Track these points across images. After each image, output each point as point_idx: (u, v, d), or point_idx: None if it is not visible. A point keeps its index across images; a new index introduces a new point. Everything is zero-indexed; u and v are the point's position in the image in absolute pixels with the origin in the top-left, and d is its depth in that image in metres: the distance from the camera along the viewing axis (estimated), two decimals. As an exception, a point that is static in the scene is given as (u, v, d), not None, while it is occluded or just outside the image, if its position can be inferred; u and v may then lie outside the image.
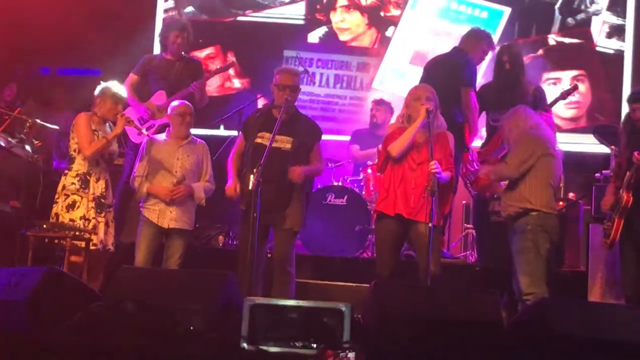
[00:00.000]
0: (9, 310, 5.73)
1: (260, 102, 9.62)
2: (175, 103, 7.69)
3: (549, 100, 8.31)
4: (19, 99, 9.21)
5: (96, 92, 7.41)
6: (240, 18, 10.79)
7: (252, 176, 6.50)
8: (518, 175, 6.76)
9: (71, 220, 7.13)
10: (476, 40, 8.41)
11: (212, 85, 10.27)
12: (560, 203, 7.89)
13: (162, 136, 7.61)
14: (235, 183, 7.03)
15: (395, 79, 10.29)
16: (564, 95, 8.48)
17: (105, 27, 10.27)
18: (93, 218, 7.19)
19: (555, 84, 10.09)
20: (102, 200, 7.32)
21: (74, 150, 7.37)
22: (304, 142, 7.05)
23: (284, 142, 6.95)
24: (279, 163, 6.83)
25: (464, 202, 9.08)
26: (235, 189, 7.02)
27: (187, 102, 7.71)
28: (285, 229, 6.99)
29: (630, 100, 7.15)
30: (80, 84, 10.23)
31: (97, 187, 7.33)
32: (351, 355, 4.99)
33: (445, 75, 7.88)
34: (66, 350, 5.46)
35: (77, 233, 6.88)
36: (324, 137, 7.29)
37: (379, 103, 9.65)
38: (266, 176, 6.57)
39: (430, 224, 6.35)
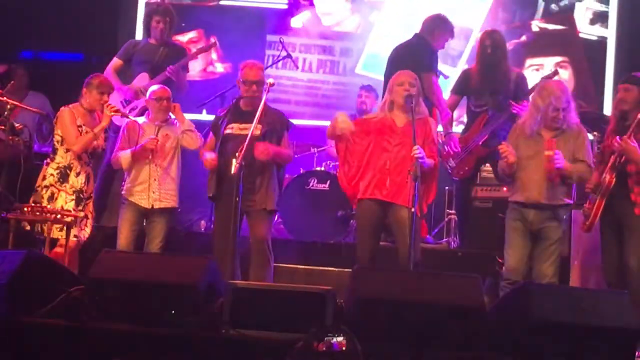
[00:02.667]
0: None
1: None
2: (153, 87, 7.73)
3: (530, 86, 8.31)
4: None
5: (84, 83, 7.41)
6: (223, 2, 10.75)
7: (234, 160, 6.65)
8: None
9: (50, 210, 7.12)
10: (435, 26, 8.44)
11: (195, 70, 10.23)
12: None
13: (142, 119, 7.67)
14: (214, 156, 7.18)
15: (378, 64, 10.29)
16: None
17: (87, 11, 10.21)
18: (73, 210, 7.16)
19: (538, 70, 10.11)
20: (81, 195, 7.30)
21: (57, 142, 7.36)
22: (272, 129, 7.22)
23: (253, 129, 6.98)
24: (248, 148, 6.88)
25: (446, 187, 9.09)
26: (214, 159, 7.16)
27: (164, 87, 7.75)
28: (257, 210, 7.15)
29: (620, 81, 7.16)
30: (61, 68, 10.23)
31: (77, 181, 7.31)
32: (340, 339, 4.97)
33: (407, 61, 7.86)
34: (47, 334, 5.45)
35: (57, 217, 6.85)
36: (308, 122, 7.35)
37: (368, 90, 9.64)
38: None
39: (412, 209, 6.35)
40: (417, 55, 8.16)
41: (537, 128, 6.70)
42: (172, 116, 7.60)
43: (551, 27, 10.37)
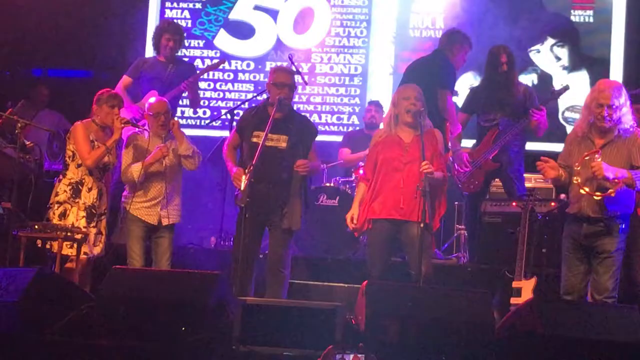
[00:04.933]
0: (0, 312, 5.73)
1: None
2: (151, 100, 7.67)
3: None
4: (5, 99, 9.21)
5: (95, 99, 7.42)
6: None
7: (243, 177, 6.51)
8: None
9: (62, 226, 7.14)
10: (454, 40, 8.44)
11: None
12: (552, 204, 7.90)
13: (145, 132, 7.55)
14: (240, 170, 6.84)
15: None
16: (556, 95, 8.51)
17: (97, 29, 10.27)
18: (84, 227, 7.18)
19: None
20: (94, 211, 7.30)
21: (69, 157, 7.35)
22: (299, 140, 7.04)
23: (280, 141, 6.95)
24: (274, 162, 6.86)
25: (456, 202, 9.09)
26: (241, 174, 6.71)
27: (162, 100, 7.66)
28: (282, 229, 6.98)
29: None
30: (71, 86, 10.29)
31: (89, 196, 7.29)
32: (356, 356, 4.97)
33: (424, 76, 7.88)
34: (58, 351, 5.47)
35: (68, 234, 6.88)
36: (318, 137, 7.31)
37: (377, 105, 9.66)
38: (262, 175, 6.66)
39: (421, 224, 6.35)
40: (434, 71, 8.16)
41: (587, 130, 6.37)
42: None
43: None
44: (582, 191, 6.21)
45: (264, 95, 8.02)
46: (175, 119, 7.66)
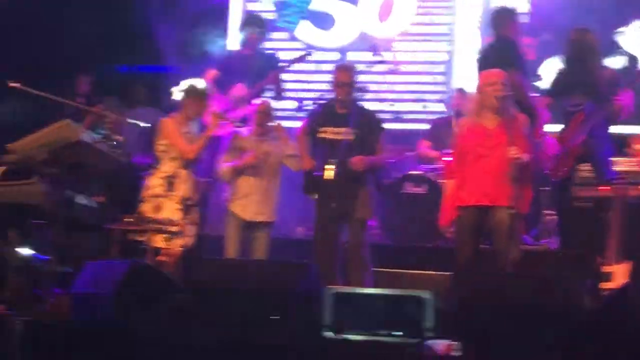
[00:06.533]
0: (96, 303, 5.86)
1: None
2: (256, 102, 7.90)
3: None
4: (95, 94, 9.39)
5: (182, 93, 7.52)
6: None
7: (326, 166, 6.99)
8: None
9: (156, 220, 7.28)
10: (502, 17, 8.32)
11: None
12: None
13: (245, 130, 7.77)
14: (310, 158, 7.37)
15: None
16: None
17: (180, 24, 10.38)
18: (178, 220, 7.29)
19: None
20: (188, 202, 7.42)
21: (161, 152, 7.46)
22: (366, 133, 7.29)
23: (347, 134, 7.18)
24: (343, 154, 7.09)
25: (544, 188, 8.98)
26: (311, 162, 7.35)
27: (264, 101, 7.90)
28: (356, 219, 7.25)
29: None
30: (158, 81, 10.43)
31: (183, 189, 7.39)
32: (448, 343, 4.97)
33: (494, 62, 7.77)
34: (152, 342, 5.56)
35: (160, 226, 7.01)
36: (401, 125, 7.40)
37: (463, 91, 9.57)
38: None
39: (510, 210, 6.31)
40: (501, 54, 8.07)
41: None
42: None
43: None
44: None
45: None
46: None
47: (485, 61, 8.10)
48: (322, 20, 10.63)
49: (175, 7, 10.30)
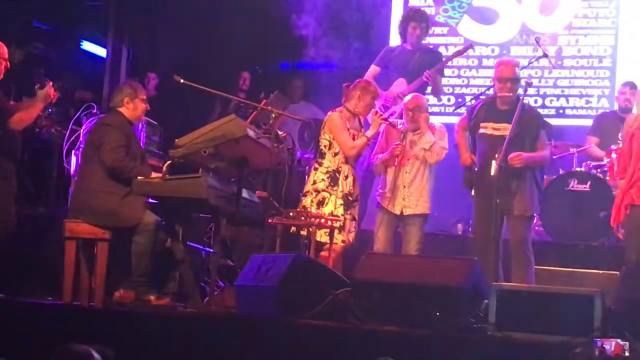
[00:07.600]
0: (260, 296, 5.96)
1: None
2: (407, 98, 7.89)
3: None
4: (259, 90, 9.55)
5: (355, 88, 7.59)
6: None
7: (493, 162, 6.87)
8: None
9: (319, 215, 7.37)
10: None
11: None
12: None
13: (399, 125, 7.81)
14: (470, 155, 7.33)
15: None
16: None
17: (340, 21, 10.44)
18: (342, 215, 7.36)
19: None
20: (350, 198, 7.48)
21: (325, 147, 7.55)
22: (526, 130, 7.18)
23: (507, 130, 7.07)
24: (503, 151, 6.96)
25: None
26: (471, 158, 7.31)
27: (417, 97, 7.87)
28: (516, 215, 7.16)
29: None
30: (318, 78, 10.54)
31: (346, 184, 7.47)
32: (619, 343, 4.85)
33: None
34: (316, 335, 5.62)
35: (322, 221, 7.08)
36: (563, 121, 7.28)
37: (632, 87, 9.30)
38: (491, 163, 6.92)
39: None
40: None
41: None
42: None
43: None
44: None
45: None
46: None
47: None
48: (486, 15, 10.51)
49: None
